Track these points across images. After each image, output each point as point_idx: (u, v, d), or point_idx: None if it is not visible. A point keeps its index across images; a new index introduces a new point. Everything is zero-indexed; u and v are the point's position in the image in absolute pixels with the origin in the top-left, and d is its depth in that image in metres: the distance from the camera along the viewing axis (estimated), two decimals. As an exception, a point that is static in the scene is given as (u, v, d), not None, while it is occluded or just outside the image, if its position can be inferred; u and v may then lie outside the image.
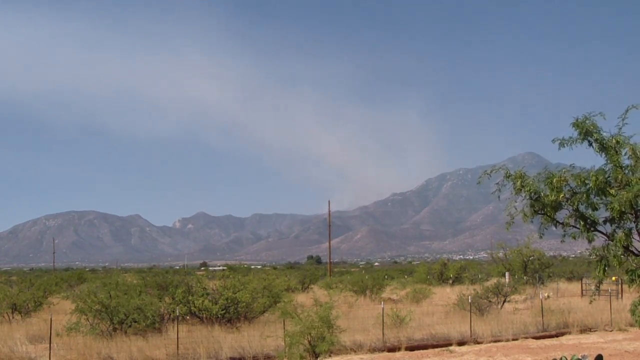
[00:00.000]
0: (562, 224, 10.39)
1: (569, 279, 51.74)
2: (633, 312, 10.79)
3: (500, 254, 47.06)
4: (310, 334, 14.37)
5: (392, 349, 19.13)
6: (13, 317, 27.42)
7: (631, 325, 22.68)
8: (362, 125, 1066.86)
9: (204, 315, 23.15)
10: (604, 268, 10.12)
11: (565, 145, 10.25)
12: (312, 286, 49.52)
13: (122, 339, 18.97)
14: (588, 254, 10.79)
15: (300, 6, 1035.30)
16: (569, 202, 10.09)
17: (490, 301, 27.36)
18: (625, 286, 31.55)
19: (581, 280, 41.59)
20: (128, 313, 20.46)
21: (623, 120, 10.02)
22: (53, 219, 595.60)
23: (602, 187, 9.67)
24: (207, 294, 23.47)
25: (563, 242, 10.59)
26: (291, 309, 15.93)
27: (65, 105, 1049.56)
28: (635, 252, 10.22)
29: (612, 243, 10.06)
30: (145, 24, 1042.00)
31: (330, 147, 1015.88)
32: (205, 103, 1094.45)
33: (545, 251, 53.18)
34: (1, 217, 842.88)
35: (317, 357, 14.58)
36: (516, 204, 10.47)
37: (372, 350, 18.84)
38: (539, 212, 10.33)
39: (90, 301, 20.97)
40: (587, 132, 10.00)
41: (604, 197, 9.83)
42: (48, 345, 17.67)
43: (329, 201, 68.04)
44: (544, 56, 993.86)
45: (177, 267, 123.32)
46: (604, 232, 10.41)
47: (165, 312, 23.00)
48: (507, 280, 37.12)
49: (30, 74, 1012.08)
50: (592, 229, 10.27)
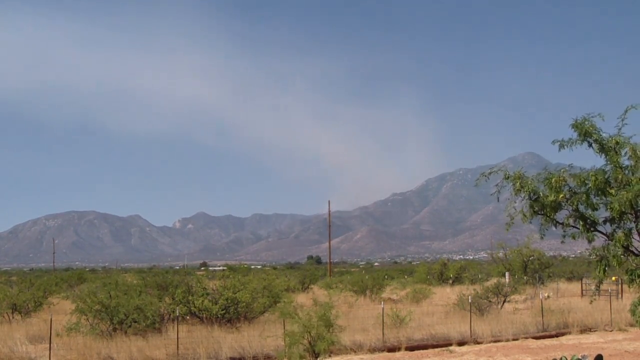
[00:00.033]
0: (562, 224, 10.40)
1: (569, 279, 51.75)
2: (633, 312, 10.80)
3: (500, 254, 47.07)
4: (310, 333, 14.38)
5: (392, 349, 19.14)
6: (13, 317, 27.42)
7: (631, 325, 22.69)
8: (362, 125, 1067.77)
9: (204, 315, 23.15)
10: (604, 268, 10.13)
11: (565, 146, 10.27)
12: (312, 286, 49.53)
13: (122, 339, 18.98)
14: (588, 254, 10.80)
15: (297, 5, 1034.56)
16: (568, 202, 10.10)
17: (490, 301, 27.36)
18: (625, 286, 31.55)
19: (581, 280, 41.60)
20: (128, 313, 20.47)
21: (622, 120, 10.04)
22: (53, 219, 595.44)
23: (602, 187, 9.68)
24: (207, 294, 23.48)
25: (563, 242, 10.60)
26: (291, 309, 15.93)
27: (65, 104, 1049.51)
28: (635, 252, 10.23)
29: (612, 243, 10.07)
30: (142, 23, 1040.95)
31: (330, 147, 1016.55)
32: (204, 102, 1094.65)
33: (545, 251, 53.19)
34: (1, 217, 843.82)
35: (317, 357, 14.59)
36: (515, 204, 10.48)
37: (372, 350, 18.85)
38: (539, 212, 10.34)
39: (90, 301, 20.98)
40: (586, 133, 10.02)
41: (603, 197, 9.85)
42: (48, 345, 17.67)
43: (329, 201, 68.06)
44: (544, 56, 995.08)
45: (177, 267, 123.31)
46: (604, 232, 10.42)
47: (165, 312, 23.01)
48: (507, 280, 37.12)
49: (27, 73, 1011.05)
50: (592, 229, 10.28)
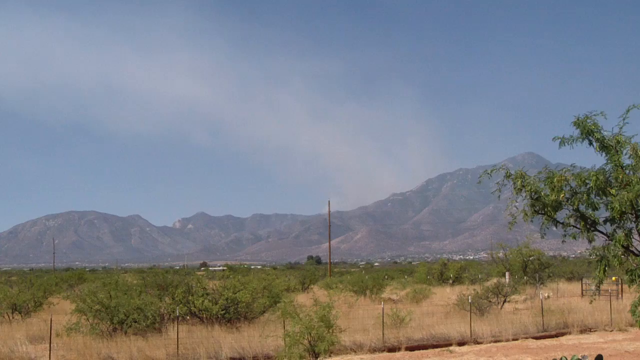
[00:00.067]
0: (563, 223, 10.40)
1: (569, 279, 51.72)
2: (633, 312, 10.77)
3: (500, 254, 47.01)
4: (310, 334, 14.37)
5: (392, 349, 19.14)
6: (13, 317, 27.41)
7: (631, 325, 22.69)
8: (361, 125, 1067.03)
9: (204, 316, 23.14)
10: (604, 268, 10.13)
11: (566, 143, 10.26)
12: (312, 286, 49.52)
13: (122, 339, 18.98)
14: (588, 254, 10.80)
15: (294, 3, 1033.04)
16: (569, 201, 10.10)
17: (490, 301, 27.36)
18: (625, 286, 31.56)
19: (581, 280, 41.61)
20: (128, 313, 20.46)
21: (624, 119, 10.04)
22: (53, 219, 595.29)
23: (603, 187, 9.68)
24: (207, 294, 23.46)
25: (564, 242, 10.60)
26: (291, 309, 15.92)
27: (63, 104, 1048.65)
28: (636, 252, 10.23)
29: (612, 243, 10.06)
30: (139, 22, 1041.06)
31: (330, 147, 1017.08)
32: (203, 102, 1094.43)
33: (545, 251, 53.18)
34: (1, 217, 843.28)
35: (317, 357, 14.58)
36: (516, 203, 10.49)
37: (372, 350, 18.84)
38: (539, 212, 10.34)
39: (90, 301, 20.99)
40: (588, 131, 10.01)
41: (604, 197, 9.84)
42: (48, 345, 17.68)
43: (328, 201, 67.99)
44: (544, 56, 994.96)
45: (177, 267, 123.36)
46: (604, 232, 10.42)
47: (165, 312, 23.00)
48: (507, 280, 37.11)
49: (23, 73, 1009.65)
50: (592, 228, 10.28)
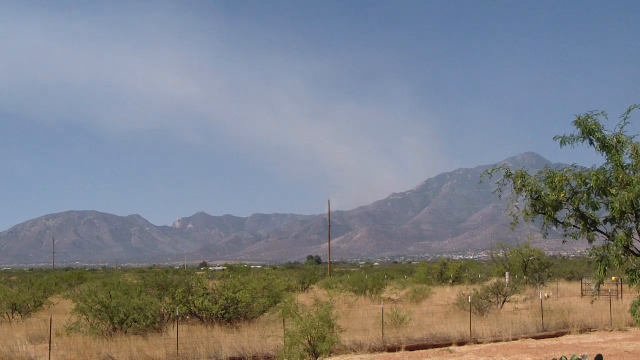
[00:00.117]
0: (563, 223, 10.41)
1: (569, 279, 51.73)
2: (634, 312, 10.77)
3: (500, 254, 47.03)
4: (310, 334, 14.36)
5: (392, 349, 19.14)
6: (13, 317, 27.40)
7: (631, 325, 22.70)
8: (361, 124, 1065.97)
9: (204, 315, 23.14)
10: (605, 268, 10.14)
11: (567, 143, 10.26)
12: (312, 286, 49.56)
13: (122, 339, 18.98)
14: (588, 254, 10.80)
15: (292, 2, 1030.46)
16: (569, 201, 10.11)
17: (490, 301, 27.36)
18: (625, 286, 31.57)
19: (581, 280, 41.61)
20: (128, 313, 20.47)
21: (625, 119, 10.04)
22: (53, 219, 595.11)
23: (603, 186, 9.68)
24: (207, 294, 23.46)
25: (565, 242, 10.61)
26: (292, 308, 15.92)
27: (60, 104, 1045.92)
28: (636, 252, 10.24)
29: (612, 243, 10.07)
30: (136, 20, 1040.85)
31: (330, 147, 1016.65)
32: (203, 102, 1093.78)
33: (545, 251, 53.18)
34: (1, 217, 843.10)
35: (317, 357, 14.57)
36: (517, 203, 10.49)
37: (372, 350, 18.85)
38: (540, 212, 10.34)
39: (90, 301, 20.98)
40: (589, 131, 10.01)
41: (604, 197, 9.85)
42: (48, 345, 17.68)
43: (328, 201, 67.88)
44: (545, 56, 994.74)
45: (177, 267, 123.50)
46: (605, 232, 10.43)
47: (166, 312, 23.00)
48: (507, 280, 37.12)
49: (18, 72, 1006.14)
50: (592, 228, 10.28)
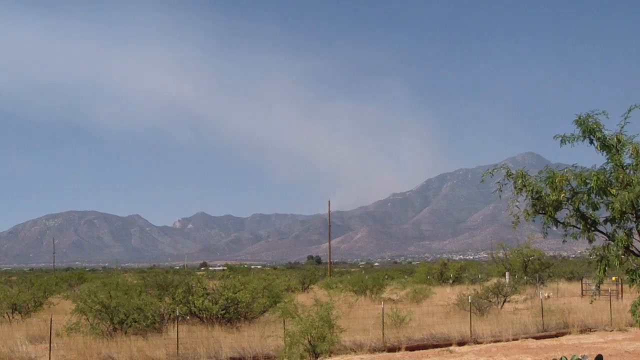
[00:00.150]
0: (563, 223, 10.41)
1: (569, 279, 51.73)
2: (634, 312, 10.77)
3: (500, 254, 47.05)
4: (310, 334, 14.36)
5: (392, 349, 19.14)
6: (13, 317, 27.40)
7: (631, 325, 22.69)
8: (362, 124, 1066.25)
9: (204, 315, 23.14)
10: (605, 268, 10.14)
11: (567, 142, 10.27)
12: (312, 286, 49.56)
13: (122, 339, 18.98)
14: (588, 254, 10.80)
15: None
16: (569, 201, 10.11)
17: (490, 301, 27.36)
18: (625, 286, 31.57)
19: (581, 280, 41.61)
20: (128, 313, 20.46)
21: (625, 119, 10.05)
22: (53, 219, 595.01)
23: (603, 186, 9.68)
24: (207, 294, 23.46)
25: (565, 242, 10.61)
26: (292, 308, 15.92)
27: (57, 103, 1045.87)
28: (636, 252, 10.23)
29: (612, 243, 10.07)
30: (136, 18, 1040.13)
31: (331, 147, 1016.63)
32: (203, 102, 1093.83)
33: (545, 251, 53.23)
34: (1, 217, 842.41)
35: (317, 357, 14.57)
36: (517, 203, 10.49)
37: (372, 350, 18.84)
38: (540, 211, 10.34)
39: (90, 301, 20.97)
40: (589, 130, 10.02)
41: (605, 197, 9.85)
42: (48, 345, 17.67)
43: (328, 201, 67.84)
44: (545, 56, 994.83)
45: (177, 267, 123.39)
46: (605, 232, 10.43)
47: (165, 312, 23.00)
48: (507, 280, 37.12)
49: (15, 71, 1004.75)
50: (592, 228, 10.28)
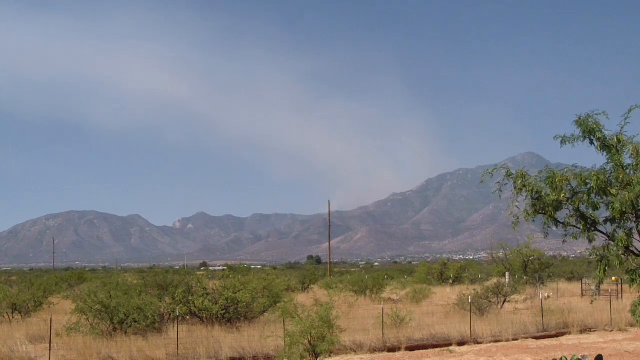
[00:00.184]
0: (563, 223, 10.41)
1: (569, 279, 51.74)
2: (634, 313, 10.78)
3: (500, 254, 47.06)
4: (310, 334, 14.36)
5: (392, 349, 19.14)
6: (13, 317, 27.40)
7: (631, 325, 22.69)
8: (362, 125, 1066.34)
9: (204, 315, 23.14)
10: (605, 268, 10.14)
11: (567, 142, 10.28)
12: (312, 286, 49.56)
13: (122, 339, 18.97)
14: (588, 254, 10.80)
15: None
16: (569, 201, 10.11)
17: (490, 301, 27.36)
18: (625, 286, 31.57)
19: (581, 280, 41.61)
20: (128, 313, 20.46)
21: (625, 119, 10.05)
22: (53, 219, 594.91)
23: (604, 186, 9.68)
24: (207, 294, 23.47)
25: (565, 242, 10.62)
26: (292, 308, 15.92)
27: (54, 102, 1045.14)
28: (636, 252, 10.24)
29: (612, 243, 10.07)
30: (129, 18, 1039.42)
31: (331, 147, 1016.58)
32: (203, 102, 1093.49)
33: (545, 251, 53.24)
34: (1, 217, 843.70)
35: (317, 357, 14.57)
36: (517, 203, 10.50)
37: (372, 350, 18.84)
38: (540, 211, 10.35)
39: (90, 301, 20.97)
40: (589, 130, 10.02)
41: (605, 197, 9.85)
42: (48, 345, 17.67)
43: (328, 201, 67.85)
44: (545, 56, 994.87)
45: (177, 267, 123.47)
46: (605, 232, 10.43)
47: (165, 312, 23.00)
48: (507, 280, 37.12)
49: (15, 70, 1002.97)
50: (592, 228, 10.29)
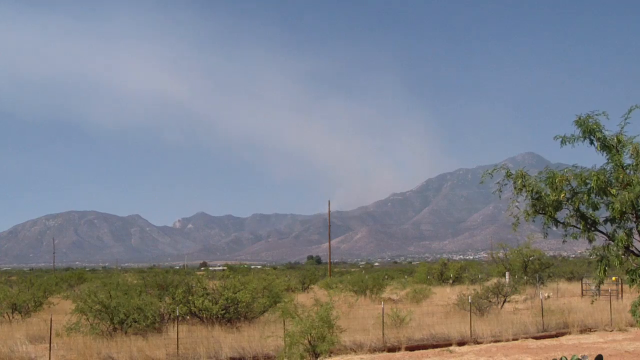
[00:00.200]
0: (563, 223, 10.42)
1: (569, 279, 51.75)
2: (634, 313, 10.78)
3: (500, 254, 47.07)
4: (310, 334, 14.36)
5: (392, 349, 19.14)
6: (13, 317, 27.40)
7: (631, 325, 22.69)
8: (362, 125, 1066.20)
9: (204, 315, 23.15)
10: (605, 268, 10.14)
11: (567, 142, 10.29)
12: (312, 286, 49.57)
13: (122, 339, 18.97)
14: (588, 254, 10.81)
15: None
16: (569, 201, 10.12)
17: (490, 301, 27.36)
18: (625, 286, 31.58)
19: (581, 280, 41.62)
20: (128, 313, 20.46)
21: (625, 119, 10.06)
22: (53, 219, 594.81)
23: (603, 187, 9.68)
24: (207, 294, 23.47)
25: (565, 242, 10.62)
26: (292, 308, 15.92)
27: (61, 103, 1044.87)
28: (636, 252, 10.24)
29: (612, 243, 10.07)
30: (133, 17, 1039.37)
31: (331, 147, 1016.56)
32: (203, 102, 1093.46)
33: (545, 251, 53.25)
34: (1, 217, 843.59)
35: (317, 357, 14.57)
36: (517, 203, 10.50)
37: (372, 350, 18.84)
38: (540, 212, 10.35)
39: (90, 301, 20.98)
40: (589, 131, 10.03)
41: (605, 197, 9.85)
42: (48, 345, 17.67)
43: (328, 201, 67.87)
44: (545, 56, 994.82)
45: (177, 267, 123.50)
46: (605, 232, 10.43)
47: (165, 312, 23.01)
48: (507, 280, 37.13)
49: (14, 69, 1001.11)
50: (592, 228, 10.29)
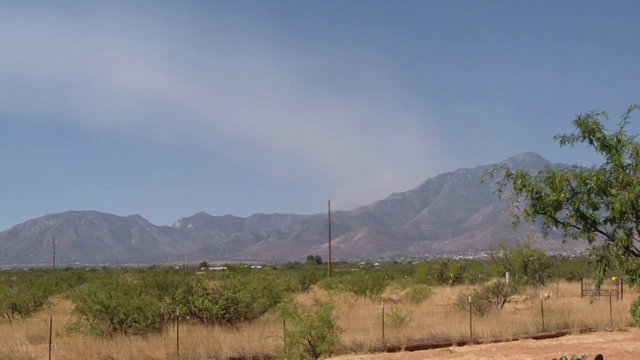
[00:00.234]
0: (563, 223, 10.42)
1: (569, 279, 51.76)
2: (634, 313, 10.78)
3: (500, 254, 47.07)
4: (310, 334, 14.36)
5: (392, 349, 19.14)
6: (13, 317, 27.41)
7: (631, 325, 22.70)
8: (362, 125, 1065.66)
9: (204, 315, 23.15)
10: (605, 268, 10.15)
11: (567, 142, 10.29)
12: (312, 286, 49.58)
13: (122, 339, 18.98)
14: (588, 254, 10.81)
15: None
16: (569, 201, 10.12)
17: (490, 301, 27.36)
18: (625, 286, 31.58)
19: (581, 280, 41.63)
20: (128, 313, 20.47)
21: (625, 119, 10.06)
22: (53, 219, 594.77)
23: (603, 187, 9.69)
24: (207, 294, 23.47)
25: (565, 242, 10.62)
26: (292, 308, 15.92)
27: (61, 103, 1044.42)
28: (636, 252, 10.24)
29: (612, 243, 10.08)
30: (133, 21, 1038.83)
31: (331, 147, 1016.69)
32: (203, 102, 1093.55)
33: (545, 251, 53.27)
34: (1, 217, 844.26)
35: (317, 357, 14.57)
36: (517, 203, 10.51)
37: (372, 350, 18.84)
38: (540, 212, 10.36)
39: (90, 301, 20.98)
40: (589, 130, 10.04)
41: (604, 197, 9.86)
42: (48, 345, 17.67)
43: (328, 201, 67.87)
44: (545, 56, 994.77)
45: (177, 267, 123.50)
46: (605, 232, 10.43)
47: (165, 312, 23.00)
48: (507, 280, 37.13)
49: (13, 69, 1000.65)
50: (592, 228, 10.29)
